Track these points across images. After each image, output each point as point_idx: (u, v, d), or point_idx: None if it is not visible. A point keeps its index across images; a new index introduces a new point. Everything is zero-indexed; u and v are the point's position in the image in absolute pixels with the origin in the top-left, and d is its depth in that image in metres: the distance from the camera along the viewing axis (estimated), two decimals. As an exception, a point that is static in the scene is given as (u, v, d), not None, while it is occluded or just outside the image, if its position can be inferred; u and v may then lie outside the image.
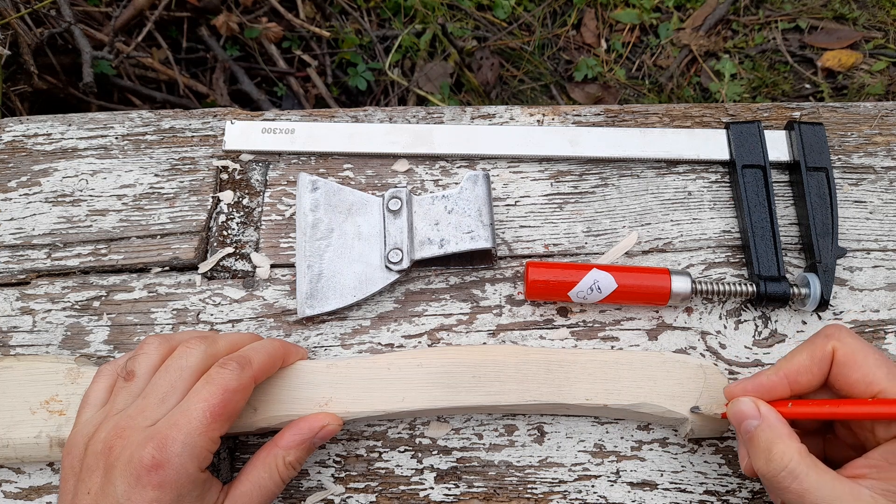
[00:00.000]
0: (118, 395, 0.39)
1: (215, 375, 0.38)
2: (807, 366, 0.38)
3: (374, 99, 1.36)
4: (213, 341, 0.41)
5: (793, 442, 0.36)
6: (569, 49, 1.43)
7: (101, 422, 0.38)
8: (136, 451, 0.35)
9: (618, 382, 0.44)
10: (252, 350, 0.41)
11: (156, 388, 0.38)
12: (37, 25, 1.03)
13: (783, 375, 0.38)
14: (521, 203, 0.53)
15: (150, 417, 0.37)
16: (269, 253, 0.51)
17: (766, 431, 0.36)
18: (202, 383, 0.38)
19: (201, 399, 0.37)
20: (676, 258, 0.51)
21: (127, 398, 0.39)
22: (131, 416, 0.37)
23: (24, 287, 0.50)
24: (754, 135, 0.52)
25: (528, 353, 0.44)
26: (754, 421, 0.37)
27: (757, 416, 0.37)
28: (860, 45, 1.39)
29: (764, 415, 0.37)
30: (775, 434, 0.36)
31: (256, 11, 1.31)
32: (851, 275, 0.50)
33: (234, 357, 0.39)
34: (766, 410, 0.37)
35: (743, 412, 0.38)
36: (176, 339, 0.42)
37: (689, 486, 0.45)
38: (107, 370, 0.42)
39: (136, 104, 1.19)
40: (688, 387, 0.43)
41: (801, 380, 0.38)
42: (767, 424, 0.37)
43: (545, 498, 0.45)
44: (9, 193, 0.53)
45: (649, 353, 0.45)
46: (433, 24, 1.36)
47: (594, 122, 0.56)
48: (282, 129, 0.54)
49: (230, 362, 0.39)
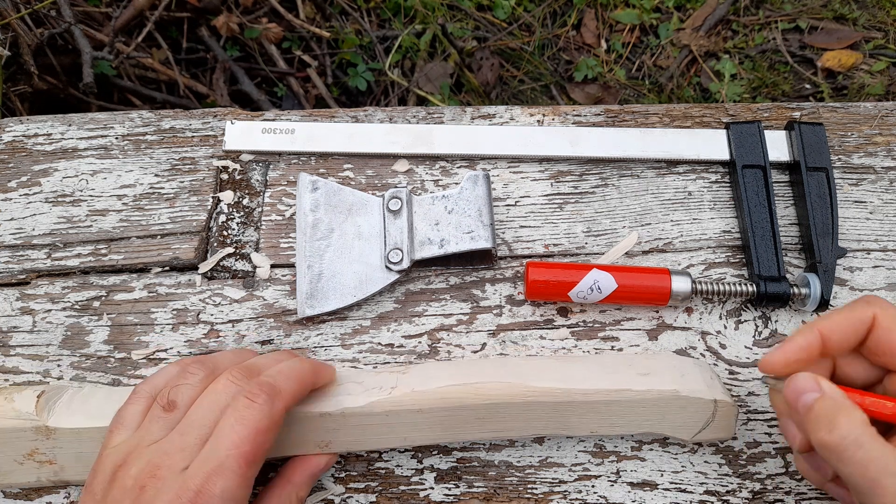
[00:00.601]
0: (153, 422, 0.37)
1: (246, 414, 0.36)
2: (843, 326, 0.37)
3: (374, 99, 1.36)
4: (255, 373, 0.39)
5: (857, 412, 0.35)
6: (569, 49, 1.43)
7: (132, 450, 0.36)
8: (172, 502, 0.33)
9: (624, 416, 0.42)
10: (283, 377, 0.39)
11: (195, 425, 0.36)
12: (37, 26, 1.03)
13: (817, 331, 0.37)
14: (522, 203, 0.53)
15: (187, 458, 0.35)
16: (269, 253, 0.51)
17: (828, 402, 0.36)
18: (232, 424, 0.36)
19: (234, 445, 0.35)
20: (676, 258, 0.51)
21: (162, 429, 0.37)
22: (167, 454, 0.35)
23: (24, 287, 0.50)
24: (754, 135, 0.52)
25: (531, 391, 0.42)
26: (813, 394, 0.36)
27: (817, 390, 0.36)
28: (860, 45, 1.39)
29: (824, 388, 0.36)
30: (838, 405, 0.35)
31: (256, 12, 1.31)
32: (851, 275, 0.50)
33: (265, 387, 0.37)
34: (827, 385, 0.36)
35: (801, 387, 0.37)
36: (219, 365, 0.40)
37: (690, 486, 0.45)
38: (144, 391, 0.39)
39: (136, 104, 1.19)
40: (697, 418, 0.42)
41: (834, 337, 0.37)
42: (829, 396, 0.36)
43: (545, 498, 0.45)
44: (9, 193, 0.53)
45: (663, 390, 0.42)
46: (433, 24, 1.36)
47: (594, 123, 0.56)
48: (282, 129, 0.54)
49: (260, 394, 0.37)
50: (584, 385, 0.42)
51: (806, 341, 0.38)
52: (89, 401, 0.44)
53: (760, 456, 0.46)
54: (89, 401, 0.44)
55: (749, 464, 0.46)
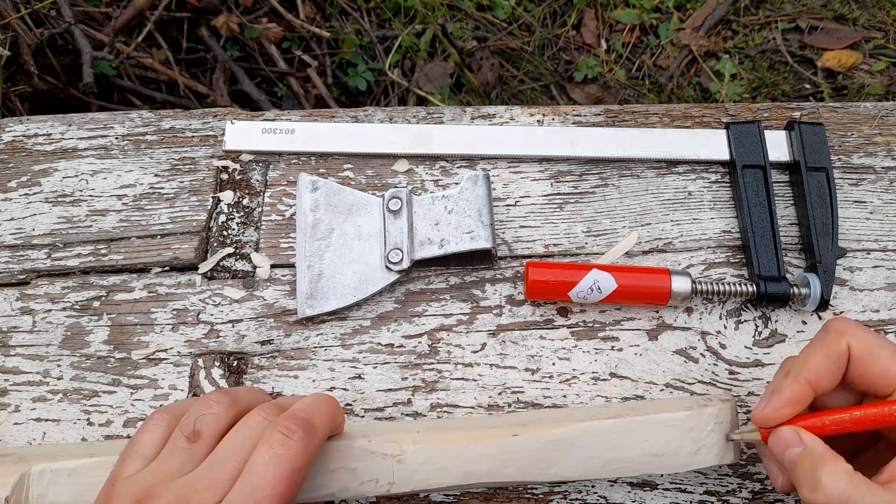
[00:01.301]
0: (175, 454, 0.35)
1: (282, 452, 0.34)
2: (826, 366, 0.37)
3: (374, 99, 1.36)
4: (282, 410, 0.38)
5: (839, 464, 0.35)
6: (569, 49, 1.43)
7: (154, 483, 0.34)
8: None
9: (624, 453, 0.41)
10: (317, 412, 0.37)
11: (227, 461, 0.34)
12: (37, 26, 1.03)
13: (804, 382, 0.37)
14: (522, 203, 0.53)
15: (218, 494, 0.33)
16: (269, 253, 0.51)
17: (808, 458, 0.35)
18: (267, 462, 0.34)
19: (269, 485, 0.33)
20: (676, 258, 0.51)
21: (186, 461, 0.35)
22: (197, 490, 0.33)
23: (24, 287, 0.50)
24: (754, 135, 0.52)
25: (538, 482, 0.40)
26: (797, 449, 0.36)
27: (799, 444, 0.36)
28: (860, 45, 1.39)
29: (805, 441, 0.36)
30: (819, 458, 0.35)
31: (256, 12, 1.31)
32: (851, 275, 0.50)
33: (300, 422, 0.35)
34: (807, 437, 0.36)
35: (784, 441, 0.37)
36: (239, 398, 0.38)
37: (689, 487, 0.45)
38: (161, 420, 0.37)
39: (136, 104, 1.19)
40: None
41: (823, 382, 0.37)
42: (809, 451, 0.36)
43: (545, 498, 0.45)
44: (9, 193, 0.53)
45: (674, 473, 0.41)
46: (433, 24, 1.36)
47: (594, 123, 0.56)
48: (282, 129, 0.54)
49: (297, 430, 0.35)
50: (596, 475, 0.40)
51: (795, 394, 0.37)
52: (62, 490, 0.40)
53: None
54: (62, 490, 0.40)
55: (749, 464, 0.46)
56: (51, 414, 0.47)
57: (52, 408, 0.47)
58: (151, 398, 0.47)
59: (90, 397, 0.47)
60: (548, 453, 0.40)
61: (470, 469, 0.39)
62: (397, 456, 0.39)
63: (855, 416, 0.36)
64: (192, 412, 0.36)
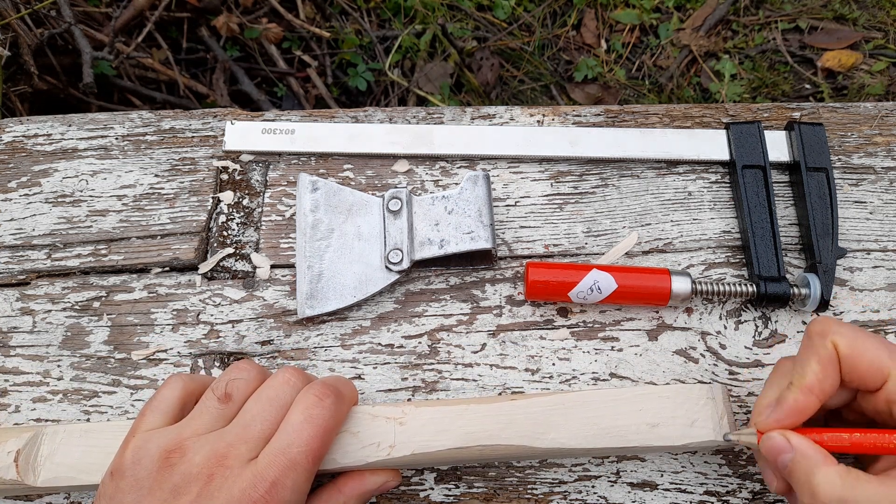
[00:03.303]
0: (206, 412, 0.37)
1: (315, 412, 0.37)
2: (824, 372, 0.37)
3: (374, 99, 1.36)
4: (308, 378, 0.40)
5: (831, 466, 0.35)
6: (569, 49, 1.43)
7: (184, 437, 0.36)
8: (247, 491, 0.34)
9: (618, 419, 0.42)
10: (342, 384, 0.40)
11: (258, 419, 0.37)
12: (37, 26, 1.03)
13: (808, 391, 0.37)
14: (521, 203, 0.53)
15: (252, 450, 0.36)
16: (269, 253, 0.51)
17: (801, 463, 0.35)
18: (302, 421, 0.36)
19: (304, 442, 0.36)
20: (676, 258, 0.51)
21: (216, 419, 0.37)
22: (231, 445, 0.36)
23: (24, 287, 0.50)
24: (754, 135, 0.52)
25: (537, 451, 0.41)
26: (788, 455, 0.36)
27: (789, 449, 0.36)
28: (860, 45, 1.39)
29: (795, 446, 0.36)
30: (812, 463, 0.35)
31: (256, 12, 1.31)
32: (851, 275, 0.50)
33: (330, 388, 0.38)
34: (797, 441, 0.36)
35: (776, 447, 0.37)
36: (264, 371, 0.41)
37: (690, 487, 0.45)
38: (179, 380, 0.39)
39: (136, 104, 1.19)
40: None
41: (826, 387, 0.37)
42: (801, 455, 0.36)
43: (545, 498, 0.45)
44: (9, 194, 0.53)
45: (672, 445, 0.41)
46: (433, 24, 1.36)
47: (594, 123, 0.56)
48: (282, 129, 0.54)
49: (329, 395, 0.38)
50: (593, 443, 0.41)
51: (799, 404, 0.37)
52: (72, 450, 0.41)
53: (760, 456, 0.46)
54: (72, 450, 0.41)
55: (749, 464, 0.46)
56: (51, 414, 0.47)
57: (52, 408, 0.47)
58: (151, 398, 0.47)
59: (90, 398, 0.47)
60: (545, 418, 0.41)
61: (469, 430, 0.41)
62: (399, 419, 0.41)
63: (854, 439, 0.36)
64: (223, 377, 0.39)
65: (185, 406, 0.39)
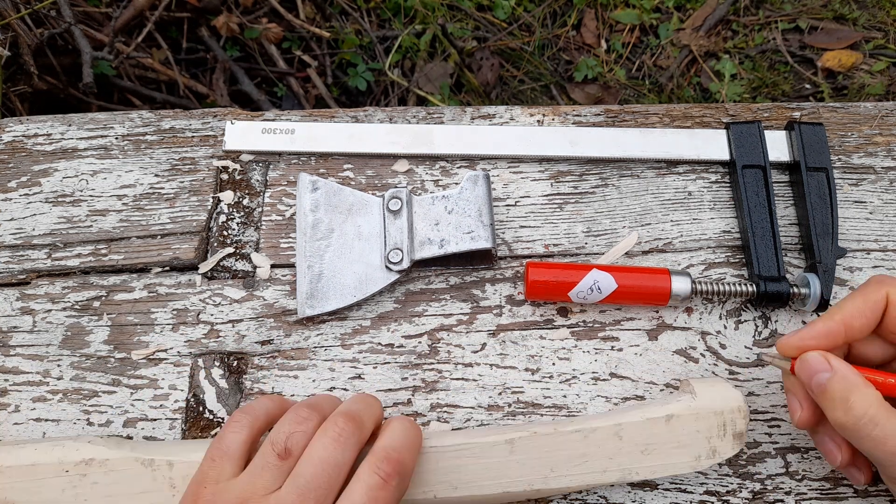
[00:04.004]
0: (266, 470, 0.36)
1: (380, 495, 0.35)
2: (861, 310, 0.38)
3: (374, 99, 1.36)
4: (361, 425, 0.38)
5: (869, 390, 0.36)
6: (569, 49, 1.43)
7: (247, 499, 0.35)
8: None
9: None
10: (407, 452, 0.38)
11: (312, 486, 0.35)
12: (37, 26, 1.03)
13: (839, 321, 0.38)
14: (521, 203, 0.53)
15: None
16: (269, 253, 0.51)
17: (840, 382, 0.36)
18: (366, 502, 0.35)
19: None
20: (676, 258, 0.51)
21: (275, 478, 0.36)
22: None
23: (24, 287, 0.50)
24: (754, 135, 0.52)
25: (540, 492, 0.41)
26: (826, 374, 0.37)
27: (828, 369, 0.37)
28: (860, 45, 1.39)
29: (835, 367, 0.37)
30: (851, 384, 0.36)
31: (256, 12, 1.31)
32: (851, 275, 0.50)
33: (395, 467, 0.36)
34: (837, 363, 0.37)
35: (812, 366, 0.37)
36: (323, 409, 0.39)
37: (690, 487, 0.45)
38: (243, 421, 0.38)
39: (136, 104, 1.19)
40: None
41: (856, 324, 0.38)
42: (841, 376, 0.36)
43: (545, 498, 0.45)
44: (9, 193, 0.53)
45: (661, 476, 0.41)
46: (433, 24, 1.36)
47: (594, 123, 0.56)
48: (282, 129, 0.54)
49: (393, 477, 0.36)
50: (597, 480, 0.41)
51: (828, 329, 0.38)
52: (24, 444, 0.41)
53: (760, 456, 0.46)
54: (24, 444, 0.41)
55: (749, 464, 0.46)
56: (51, 414, 0.47)
57: (51, 408, 0.47)
58: (151, 398, 0.47)
59: (90, 397, 0.47)
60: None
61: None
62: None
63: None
64: (283, 429, 0.37)
65: (251, 448, 0.38)
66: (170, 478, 0.40)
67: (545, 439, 0.41)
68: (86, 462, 0.40)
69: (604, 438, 0.41)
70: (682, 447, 0.41)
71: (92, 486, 0.40)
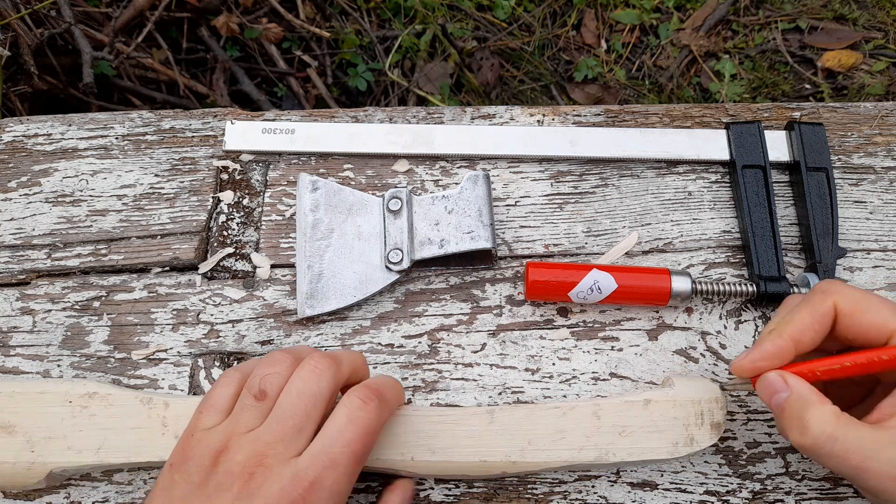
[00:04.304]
0: (244, 411, 0.38)
1: (359, 415, 0.37)
2: (809, 324, 0.38)
3: (374, 99, 1.36)
4: (338, 363, 0.40)
5: (825, 406, 0.36)
6: (569, 49, 1.43)
7: (229, 436, 0.37)
8: (286, 489, 0.35)
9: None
10: (388, 389, 0.40)
11: (289, 415, 0.37)
12: (37, 26, 1.03)
13: (788, 338, 0.38)
14: (522, 203, 0.53)
15: (290, 448, 0.36)
16: (269, 253, 0.51)
17: (797, 402, 0.36)
18: (345, 422, 0.37)
19: (346, 443, 0.36)
20: (676, 258, 0.51)
21: (254, 417, 0.37)
22: (269, 444, 0.36)
23: (24, 287, 0.50)
24: (754, 135, 0.52)
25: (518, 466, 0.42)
26: (784, 393, 0.37)
27: (785, 388, 0.37)
28: (860, 45, 1.39)
29: (792, 386, 0.37)
30: (806, 402, 0.36)
31: (256, 12, 1.31)
32: (851, 275, 0.50)
33: (374, 392, 0.38)
34: (794, 382, 0.37)
35: (772, 386, 0.38)
36: (301, 355, 0.40)
37: (690, 487, 0.45)
38: (233, 377, 0.40)
39: (136, 104, 1.19)
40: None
41: (805, 339, 0.38)
42: (797, 395, 0.36)
43: (545, 498, 0.45)
44: (9, 193, 0.53)
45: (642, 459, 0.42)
46: (433, 24, 1.36)
47: (594, 123, 0.56)
48: (282, 129, 0.54)
49: (373, 399, 0.38)
50: (573, 457, 0.42)
51: (777, 348, 0.38)
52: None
53: (760, 456, 0.46)
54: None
55: (749, 464, 0.46)
56: (51, 414, 0.47)
57: (52, 408, 0.47)
58: (151, 398, 0.47)
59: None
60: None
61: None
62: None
63: (845, 365, 0.37)
64: (257, 372, 0.39)
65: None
66: (163, 416, 0.42)
67: (524, 411, 0.43)
68: (89, 395, 0.43)
69: (582, 416, 0.42)
70: (659, 432, 0.42)
71: (90, 417, 0.42)
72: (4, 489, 0.44)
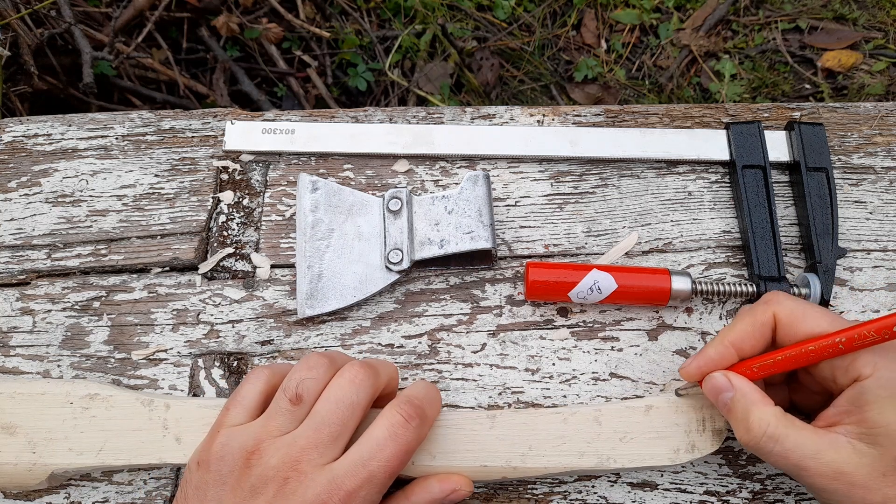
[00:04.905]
0: (278, 414, 0.37)
1: (400, 432, 0.37)
2: (749, 332, 0.40)
3: (374, 99, 1.36)
4: (376, 374, 0.39)
5: (767, 406, 0.37)
6: (569, 49, 1.43)
7: (261, 440, 0.36)
8: (321, 496, 0.35)
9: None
10: (429, 404, 0.40)
11: (326, 422, 0.37)
12: (37, 26, 1.03)
13: (728, 344, 0.40)
14: (522, 203, 0.53)
15: (324, 456, 0.36)
16: (269, 253, 0.51)
17: (740, 401, 0.38)
18: (385, 436, 0.37)
19: (385, 459, 0.36)
20: (676, 258, 0.51)
21: (289, 421, 0.37)
22: (304, 449, 0.36)
23: (24, 287, 0.50)
24: (754, 135, 0.52)
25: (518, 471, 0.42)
26: (728, 393, 0.39)
27: (730, 388, 0.39)
28: (860, 45, 1.39)
29: (736, 385, 0.38)
30: (749, 401, 0.38)
31: (256, 12, 1.31)
32: (851, 275, 0.50)
33: (417, 411, 0.38)
34: (738, 381, 0.39)
35: (717, 386, 0.39)
36: (338, 362, 0.40)
37: (690, 487, 0.45)
38: (262, 374, 0.40)
39: (136, 105, 1.19)
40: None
41: (746, 346, 0.40)
42: (741, 394, 0.38)
43: (545, 498, 0.45)
44: (9, 194, 0.53)
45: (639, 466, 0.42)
46: (433, 24, 1.36)
47: (594, 123, 0.56)
48: (282, 129, 0.54)
49: (414, 418, 0.38)
50: (574, 463, 0.42)
51: (719, 354, 0.40)
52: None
53: (760, 456, 0.46)
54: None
55: (749, 464, 0.46)
56: (51, 414, 0.47)
57: (52, 408, 0.47)
58: (151, 398, 0.47)
59: (90, 397, 0.47)
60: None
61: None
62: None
63: (777, 360, 0.39)
64: (294, 376, 0.39)
65: (267, 400, 0.39)
66: (164, 418, 0.42)
67: (525, 417, 0.42)
68: (90, 396, 0.43)
69: (583, 422, 0.42)
70: (660, 438, 0.42)
71: (91, 419, 0.42)
72: (5, 490, 0.44)
